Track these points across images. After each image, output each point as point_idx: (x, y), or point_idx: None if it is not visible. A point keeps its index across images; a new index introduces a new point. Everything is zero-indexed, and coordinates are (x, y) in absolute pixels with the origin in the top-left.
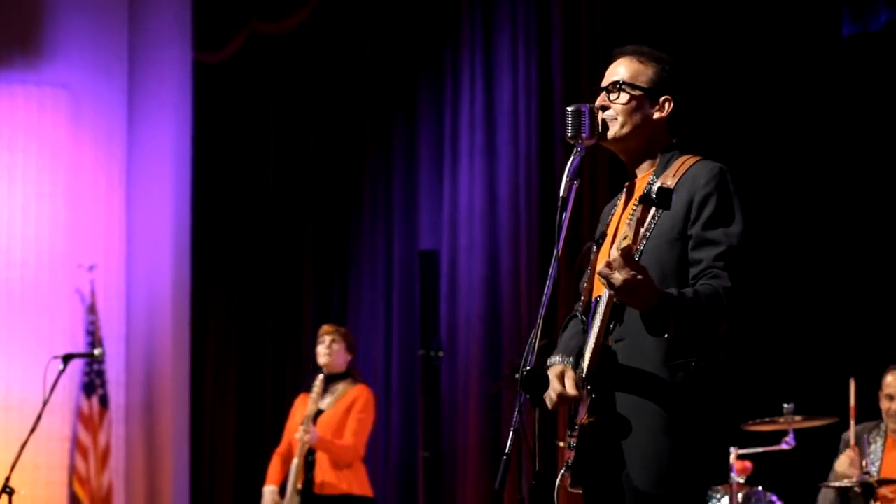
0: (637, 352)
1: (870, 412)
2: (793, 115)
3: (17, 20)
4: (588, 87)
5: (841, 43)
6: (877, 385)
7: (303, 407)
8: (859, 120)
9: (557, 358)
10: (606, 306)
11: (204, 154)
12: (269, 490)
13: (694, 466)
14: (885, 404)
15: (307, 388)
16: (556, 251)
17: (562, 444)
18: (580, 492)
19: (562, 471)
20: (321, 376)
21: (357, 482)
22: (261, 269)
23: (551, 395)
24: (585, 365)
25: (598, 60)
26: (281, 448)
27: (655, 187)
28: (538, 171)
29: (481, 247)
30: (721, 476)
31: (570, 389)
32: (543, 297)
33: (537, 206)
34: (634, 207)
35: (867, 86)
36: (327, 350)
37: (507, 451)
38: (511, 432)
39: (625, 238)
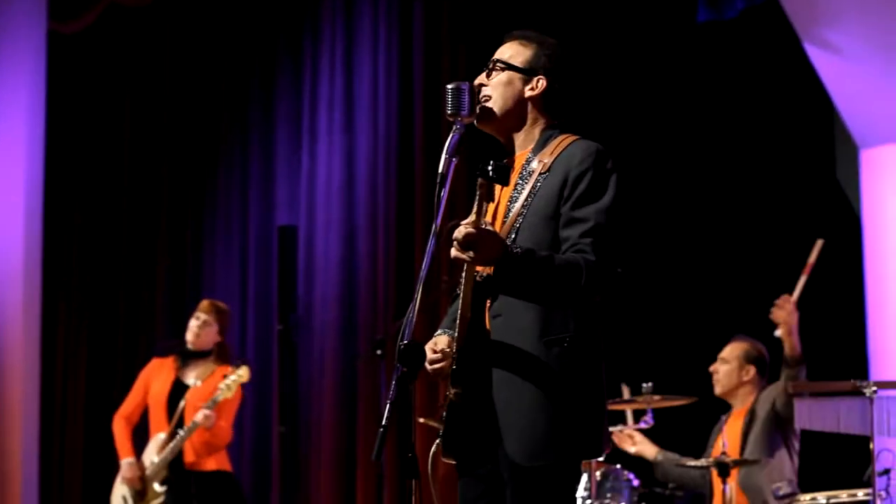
0: (513, 327)
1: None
2: (648, 100)
3: None
4: (448, 68)
5: (696, 29)
6: None
7: (160, 375)
8: (712, 107)
9: (440, 331)
10: (466, 276)
11: (58, 126)
12: (127, 462)
13: (568, 440)
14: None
15: (161, 353)
16: (434, 226)
17: (422, 419)
18: (452, 461)
19: (436, 441)
20: (237, 377)
21: (224, 460)
22: (114, 242)
23: (432, 358)
24: (454, 335)
25: (458, 42)
26: (126, 410)
27: (491, 164)
28: (397, 150)
29: (339, 224)
30: (595, 449)
31: (440, 348)
32: (421, 272)
33: (395, 186)
34: (477, 184)
35: (722, 73)
36: (199, 329)
37: (383, 423)
38: (387, 404)
39: (472, 214)
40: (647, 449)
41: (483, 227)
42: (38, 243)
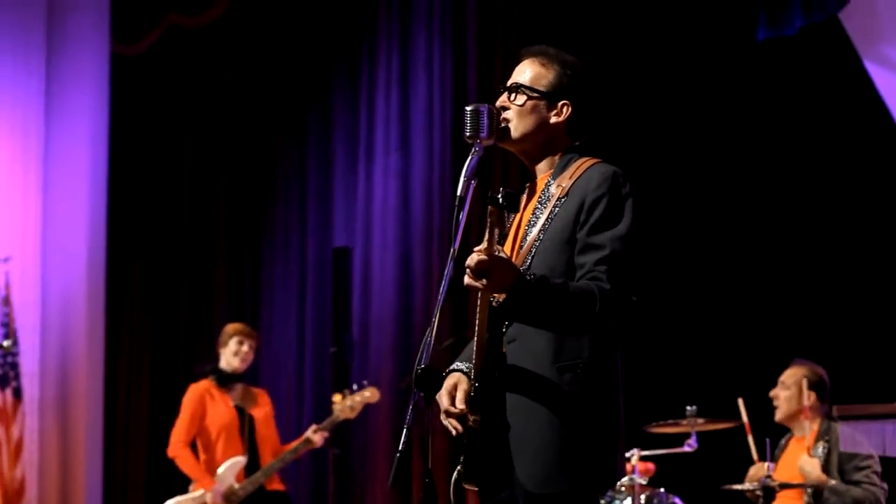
0: (528, 352)
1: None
2: (706, 118)
3: None
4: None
5: (756, 47)
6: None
7: (215, 401)
8: (772, 124)
9: (457, 364)
10: (481, 304)
11: (120, 147)
12: (216, 491)
13: (579, 468)
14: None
15: (196, 379)
16: (452, 250)
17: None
18: (473, 488)
19: (458, 468)
20: (341, 413)
21: (277, 478)
22: (175, 263)
23: (441, 407)
24: (473, 365)
25: (512, 61)
26: (188, 438)
27: (501, 192)
28: (451, 169)
29: (394, 244)
30: (609, 478)
31: (458, 405)
32: (439, 297)
33: (450, 205)
34: (488, 211)
35: (781, 91)
36: (246, 355)
37: (400, 448)
38: (405, 430)
39: (484, 241)
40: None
41: (495, 254)
42: (101, 264)
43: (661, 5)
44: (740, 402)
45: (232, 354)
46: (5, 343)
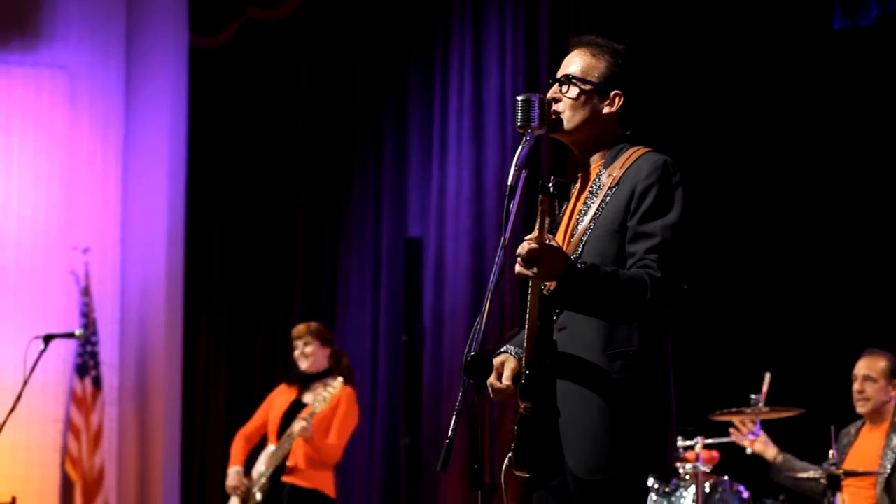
0: (578, 340)
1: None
2: (783, 108)
3: (16, 2)
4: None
5: (831, 37)
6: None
7: (282, 397)
8: (849, 115)
9: (506, 347)
10: (532, 292)
11: (199, 138)
12: (234, 470)
13: (630, 454)
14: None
15: (290, 381)
16: (502, 239)
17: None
18: (525, 475)
19: (508, 454)
20: (340, 379)
21: (327, 481)
22: (253, 254)
23: (489, 385)
24: (524, 352)
25: None
26: (248, 429)
27: (553, 180)
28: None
29: (467, 235)
30: (658, 464)
31: (504, 381)
32: (489, 285)
33: (524, 195)
34: (539, 200)
35: (857, 81)
36: (302, 354)
37: (450, 434)
38: (454, 416)
39: (536, 229)
40: (768, 450)
41: (546, 242)
42: (180, 255)
43: None
44: (767, 377)
45: (297, 357)
46: (77, 332)
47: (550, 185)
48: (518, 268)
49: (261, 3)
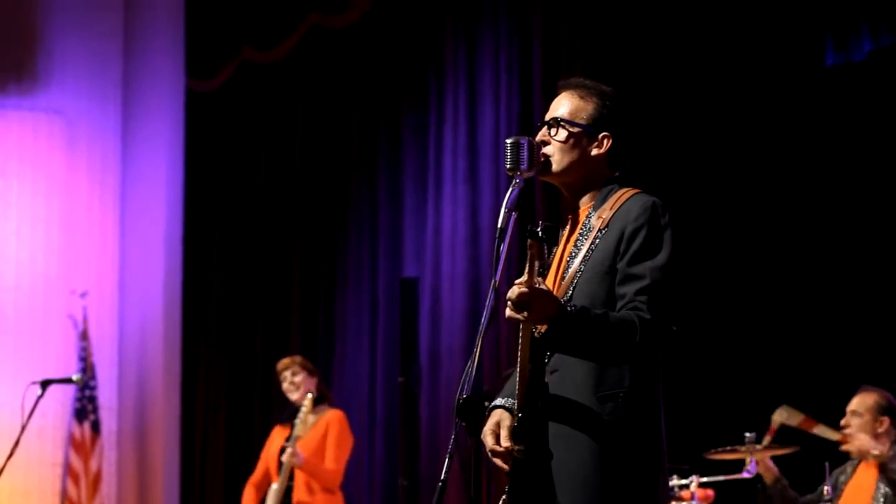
0: (569, 382)
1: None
2: (776, 145)
3: (13, 46)
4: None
5: (824, 73)
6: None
7: (279, 438)
8: (842, 151)
9: (499, 400)
10: (523, 336)
11: (196, 181)
12: None
13: (621, 495)
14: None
15: (283, 421)
16: (493, 281)
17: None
18: None
19: (503, 497)
20: (309, 397)
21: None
22: (250, 296)
23: (485, 445)
24: (516, 395)
25: None
26: (255, 478)
27: (541, 224)
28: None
29: (463, 275)
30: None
31: (502, 443)
32: (480, 328)
33: (518, 236)
34: (528, 244)
35: (850, 116)
36: (291, 385)
37: (442, 477)
38: (447, 458)
39: (525, 274)
40: (769, 472)
41: (536, 286)
42: (178, 298)
43: (729, 31)
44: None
45: (286, 390)
46: (75, 377)
47: (539, 229)
48: (508, 312)
49: (257, 45)
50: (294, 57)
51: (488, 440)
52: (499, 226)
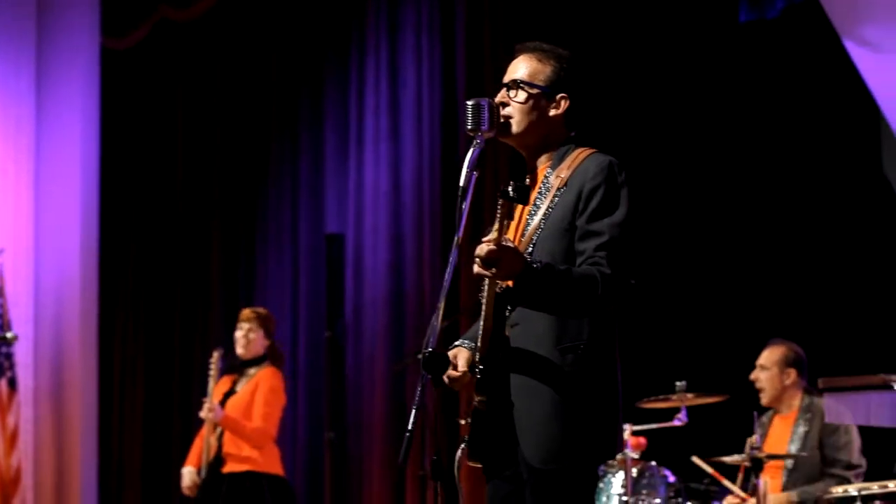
0: (530, 335)
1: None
2: (689, 102)
3: None
4: (490, 76)
5: (738, 29)
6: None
7: (221, 388)
8: (754, 106)
9: (459, 341)
10: (488, 290)
11: (112, 140)
12: (186, 471)
13: (582, 444)
14: (753, 374)
15: (229, 371)
16: (456, 238)
17: (462, 421)
18: (479, 465)
19: (461, 446)
20: (216, 354)
21: (265, 460)
22: (168, 252)
23: (445, 377)
24: (478, 347)
25: (500, 52)
26: (203, 430)
27: (512, 185)
28: (441, 157)
29: (386, 230)
30: (609, 452)
31: (460, 369)
32: (444, 282)
33: (440, 192)
34: (498, 204)
35: (763, 72)
36: (244, 339)
37: (409, 428)
38: (413, 410)
39: (493, 231)
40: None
41: (504, 244)
42: (94, 255)
43: None
44: (699, 462)
45: (236, 339)
46: (8, 335)
47: (511, 189)
48: (476, 268)
49: (174, 2)
50: (212, 15)
51: (451, 373)
52: (461, 185)
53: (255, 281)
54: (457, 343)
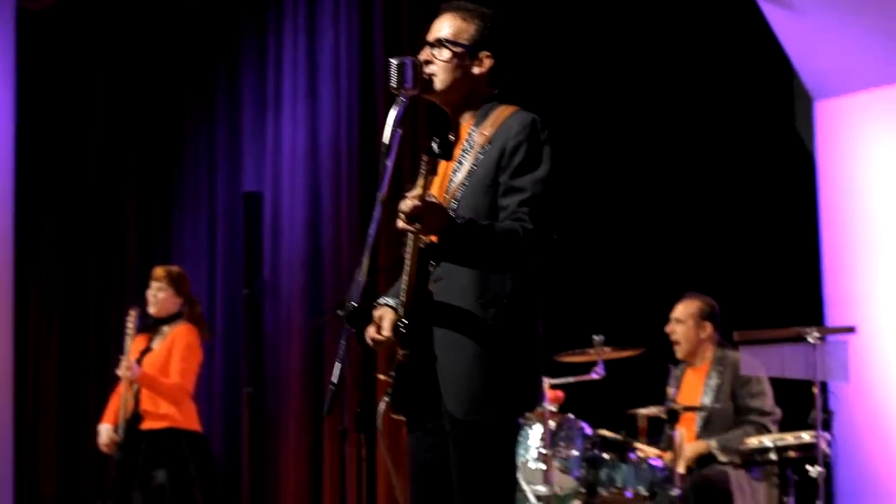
0: (454, 290)
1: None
2: (604, 57)
3: None
4: (407, 35)
5: None
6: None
7: (137, 346)
8: (669, 62)
9: (383, 299)
10: (412, 246)
11: (29, 101)
12: (103, 428)
13: (504, 395)
14: (668, 328)
15: (145, 330)
16: (379, 195)
17: (382, 377)
18: (402, 418)
19: (384, 398)
20: (132, 313)
21: (182, 417)
22: (85, 215)
23: (368, 338)
24: (402, 302)
25: (418, 10)
26: (119, 387)
27: (437, 141)
28: (359, 116)
29: (304, 189)
30: (530, 404)
31: (384, 333)
32: (368, 238)
33: (358, 151)
34: (423, 160)
35: (677, 28)
36: (153, 298)
37: (333, 381)
38: (337, 364)
39: (417, 187)
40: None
41: (427, 199)
42: (9, 216)
43: None
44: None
45: (147, 298)
46: None
47: (436, 145)
48: (400, 223)
49: None
50: None
51: (370, 331)
52: (385, 142)
53: (171, 240)
54: (381, 301)
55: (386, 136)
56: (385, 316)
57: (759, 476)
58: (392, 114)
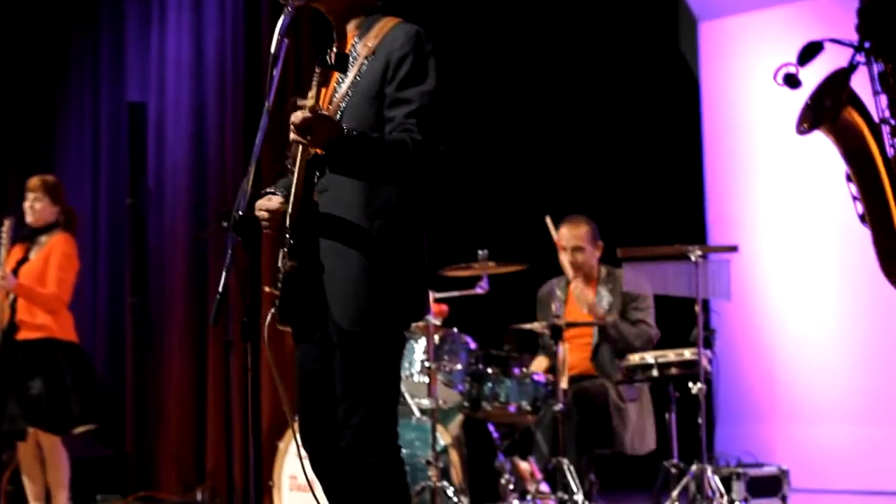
0: (339, 201)
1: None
2: None
3: None
4: None
5: None
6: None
7: (15, 256)
8: None
9: (271, 189)
10: (300, 157)
11: None
12: None
13: (389, 306)
14: (569, 258)
15: (23, 239)
16: (266, 104)
17: (268, 289)
18: (288, 329)
19: (271, 310)
20: (7, 223)
21: (58, 327)
22: None
23: (262, 215)
24: (288, 212)
25: None
26: None
27: (331, 53)
28: (244, 26)
29: (188, 100)
30: (416, 315)
31: (273, 205)
32: (254, 148)
33: (243, 61)
34: (316, 71)
35: None
36: (30, 208)
37: (220, 290)
38: (224, 273)
39: (309, 99)
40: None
41: (319, 111)
42: None
43: None
44: (548, 220)
45: (25, 209)
46: None
47: (329, 57)
48: (292, 135)
49: None
50: None
51: (261, 213)
52: (272, 52)
53: (54, 148)
54: (266, 190)
55: (273, 45)
56: (273, 198)
57: (635, 396)
58: (279, 23)
